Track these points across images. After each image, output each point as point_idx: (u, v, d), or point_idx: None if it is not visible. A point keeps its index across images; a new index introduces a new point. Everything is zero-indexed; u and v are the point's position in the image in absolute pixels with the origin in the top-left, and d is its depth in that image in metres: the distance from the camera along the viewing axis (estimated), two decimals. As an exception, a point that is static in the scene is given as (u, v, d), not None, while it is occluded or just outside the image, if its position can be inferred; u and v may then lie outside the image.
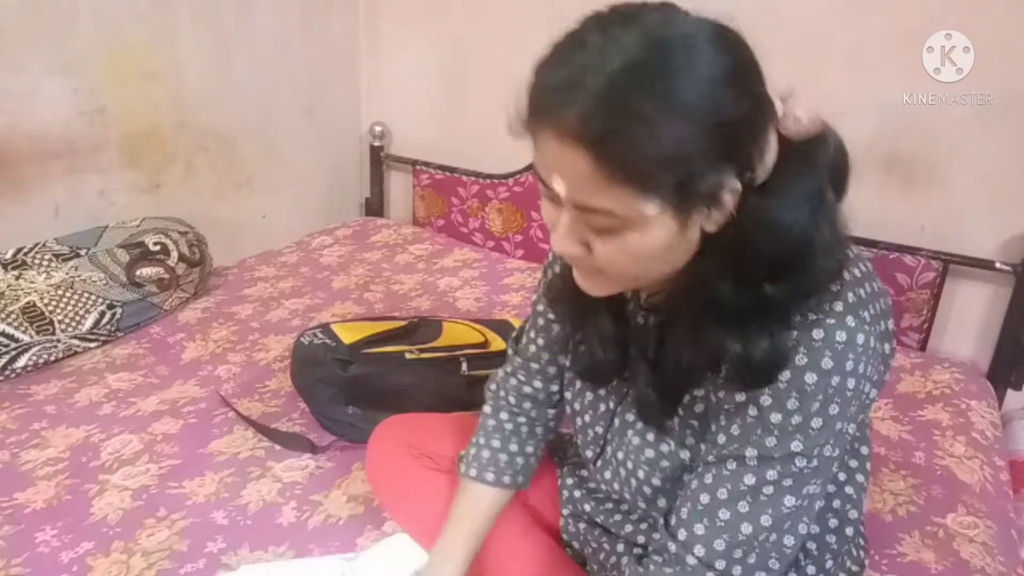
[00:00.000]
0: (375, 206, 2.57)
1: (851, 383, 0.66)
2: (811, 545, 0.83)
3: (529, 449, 0.98)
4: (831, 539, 0.83)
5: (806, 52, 1.68)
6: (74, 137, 1.78)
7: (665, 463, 0.79)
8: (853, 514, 0.84)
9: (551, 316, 0.92)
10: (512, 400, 0.98)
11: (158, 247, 1.76)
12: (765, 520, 0.70)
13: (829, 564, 0.83)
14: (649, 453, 0.80)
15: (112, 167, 1.88)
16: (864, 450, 0.84)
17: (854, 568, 0.87)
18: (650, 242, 0.63)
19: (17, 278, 1.59)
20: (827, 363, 0.65)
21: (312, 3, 2.29)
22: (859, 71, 1.67)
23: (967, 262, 1.66)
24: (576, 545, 0.99)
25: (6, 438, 1.32)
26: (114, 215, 1.85)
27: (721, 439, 0.71)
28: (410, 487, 1.04)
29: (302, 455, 1.30)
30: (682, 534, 0.72)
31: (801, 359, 0.65)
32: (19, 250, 1.64)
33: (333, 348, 1.42)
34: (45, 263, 1.64)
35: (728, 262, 0.65)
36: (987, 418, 1.50)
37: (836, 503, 0.83)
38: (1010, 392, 1.70)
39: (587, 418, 0.88)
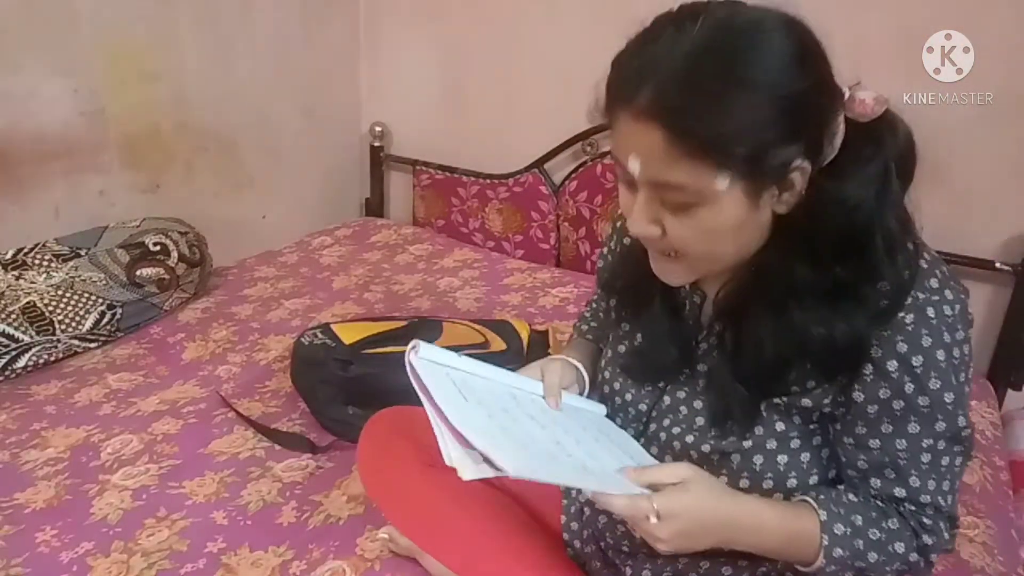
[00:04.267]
0: (375, 206, 2.57)
1: (966, 349, 0.71)
2: None
3: None
4: None
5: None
6: (74, 137, 1.78)
7: (722, 441, 0.78)
8: None
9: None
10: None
11: (158, 247, 1.76)
12: (930, 484, 0.73)
13: None
14: (710, 429, 0.80)
15: (112, 167, 1.88)
16: None
17: None
18: (722, 218, 0.67)
19: (17, 278, 1.59)
20: (947, 337, 0.69)
21: (312, 3, 2.29)
22: (859, 71, 1.67)
23: (967, 262, 1.66)
24: (577, 544, 0.98)
25: (6, 438, 1.32)
26: (114, 215, 1.85)
27: (875, 443, 0.73)
28: (407, 485, 0.99)
29: (302, 455, 1.30)
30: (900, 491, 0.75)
31: (926, 339, 0.69)
32: (19, 250, 1.64)
33: (333, 348, 1.42)
34: (45, 263, 1.64)
35: (799, 244, 0.69)
36: (987, 418, 1.50)
37: None
38: (1010, 392, 1.70)
39: (629, 396, 0.88)
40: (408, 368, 0.78)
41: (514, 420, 0.77)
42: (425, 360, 0.80)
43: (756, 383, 0.76)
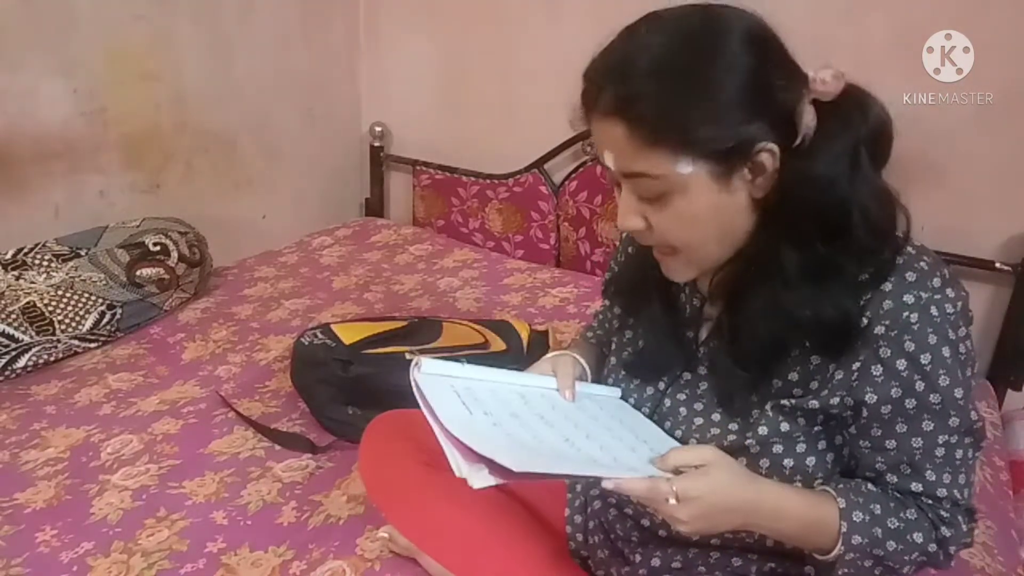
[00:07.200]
0: (375, 206, 2.57)
1: (969, 344, 0.73)
2: None
3: None
4: None
5: (806, 52, 1.67)
6: (74, 137, 1.78)
7: (724, 441, 0.79)
8: None
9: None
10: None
11: (158, 247, 1.76)
12: (946, 478, 0.74)
13: None
14: (708, 429, 0.81)
15: (112, 167, 1.88)
16: None
17: None
18: (696, 204, 0.71)
19: (17, 278, 1.59)
20: (951, 334, 0.71)
21: (312, 3, 2.29)
22: (859, 71, 1.66)
23: (967, 262, 1.66)
24: (580, 537, 0.98)
25: (6, 438, 1.32)
26: (114, 215, 1.85)
27: (891, 444, 0.74)
28: (408, 486, 1.00)
29: (302, 455, 1.30)
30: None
31: (932, 337, 0.70)
32: (19, 250, 1.64)
33: (333, 348, 1.42)
34: (45, 263, 1.64)
35: (783, 226, 0.72)
36: (987, 418, 1.50)
37: None
38: (1010, 392, 1.70)
39: (631, 401, 0.90)
40: (413, 386, 0.78)
41: (522, 424, 0.77)
42: (429, 375, 0.80)
43: (755, 365, 0.77)
